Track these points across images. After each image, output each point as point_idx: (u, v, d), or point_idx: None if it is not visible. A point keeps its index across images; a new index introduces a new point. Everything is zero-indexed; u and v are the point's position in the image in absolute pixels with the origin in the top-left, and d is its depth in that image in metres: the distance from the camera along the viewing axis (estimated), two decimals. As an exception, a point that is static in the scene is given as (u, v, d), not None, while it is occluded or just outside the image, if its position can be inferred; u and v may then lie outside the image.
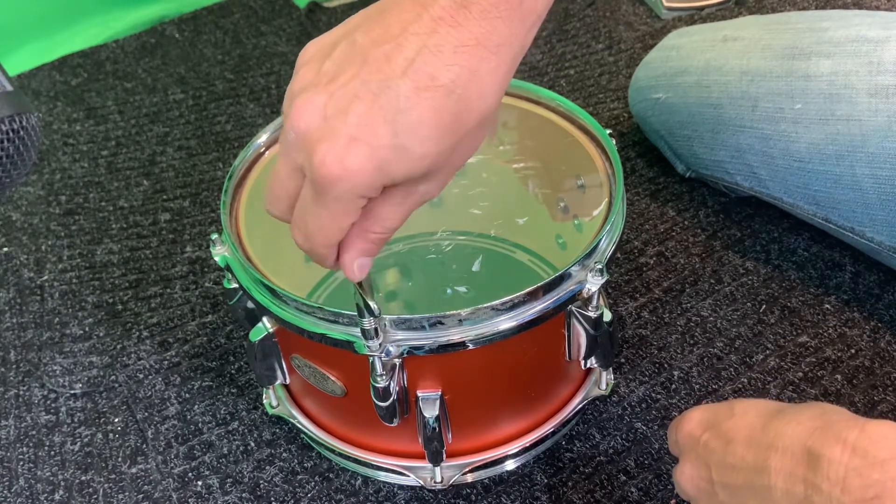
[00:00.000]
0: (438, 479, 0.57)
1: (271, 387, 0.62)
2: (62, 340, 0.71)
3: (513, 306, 0.49)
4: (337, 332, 0.49)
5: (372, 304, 0.45)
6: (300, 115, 0.38)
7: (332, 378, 0.53)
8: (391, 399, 0.50)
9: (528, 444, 0.58)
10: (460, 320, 0.48)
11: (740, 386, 0.64)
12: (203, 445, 0.62)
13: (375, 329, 0.47)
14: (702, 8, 1.07)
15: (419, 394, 0.52)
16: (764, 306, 0.70)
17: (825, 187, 0.67)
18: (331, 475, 0.60)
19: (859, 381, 0.64)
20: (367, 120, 0.37)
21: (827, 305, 0.70)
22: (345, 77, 0.38)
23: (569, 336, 0.54)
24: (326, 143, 0.37)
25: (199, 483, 0.60)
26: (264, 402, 0.63)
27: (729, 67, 0.72)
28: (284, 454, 0.61)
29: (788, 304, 0.70)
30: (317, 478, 0.60)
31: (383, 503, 0.58)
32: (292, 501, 0.58)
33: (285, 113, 0.40)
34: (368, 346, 0.47)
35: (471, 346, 0.49)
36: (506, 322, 0.49)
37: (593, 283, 0.50)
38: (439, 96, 0.37)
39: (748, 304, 0.70)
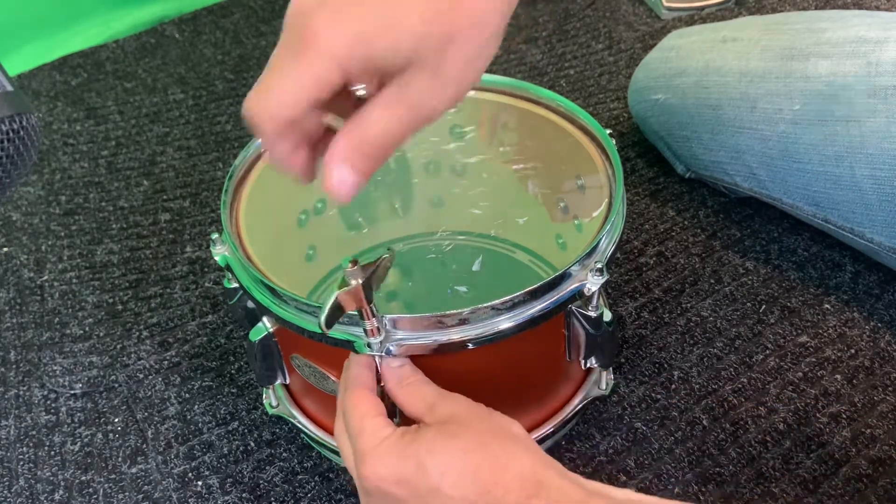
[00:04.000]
0: (438, 479, 0.57)
1: (271, 387, 0.62)
2: (62, 340, 0.71)
3: (513, 306, 0.49)
4: (337, 331, 0.49)
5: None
6: None
7: (333, 378, 0.53)
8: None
9: (527, 444, 0.58)
10: (460, 320, 0.48)
11: (740, 386, 0.64)
12: (203, 445, 0.62)
13: (376, 328, 0.47)
14: (702, 8, 1.07)
15: (419, 394, 0.52)
16: (764, 306, 0.70)
17: (824, 188, 0.67)
18: (331, 475, 0.60)
19: (859, 381, 0.64)
20: None
21: (827, 305, 0.70)
22: None
23: (569, 336, 0.54)
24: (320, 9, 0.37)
25: (199, 483, 0.60)
26: (264, 402, 0.63)
27: (728, 68, 0.72)
28: (284, 454, 0.61)
29: (788, 304, 0.70)
30: (317, 478, 0.60)
31: (383, 503, 0.58)
32: (292, 501, 0.59)
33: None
34: (369, 346, 0.48)
35: (471, 346, 0.49)
36: (506, 322, 0.49)
37: (593, 283, 0.50)
38: None
39: (748, 304, 0.70)
